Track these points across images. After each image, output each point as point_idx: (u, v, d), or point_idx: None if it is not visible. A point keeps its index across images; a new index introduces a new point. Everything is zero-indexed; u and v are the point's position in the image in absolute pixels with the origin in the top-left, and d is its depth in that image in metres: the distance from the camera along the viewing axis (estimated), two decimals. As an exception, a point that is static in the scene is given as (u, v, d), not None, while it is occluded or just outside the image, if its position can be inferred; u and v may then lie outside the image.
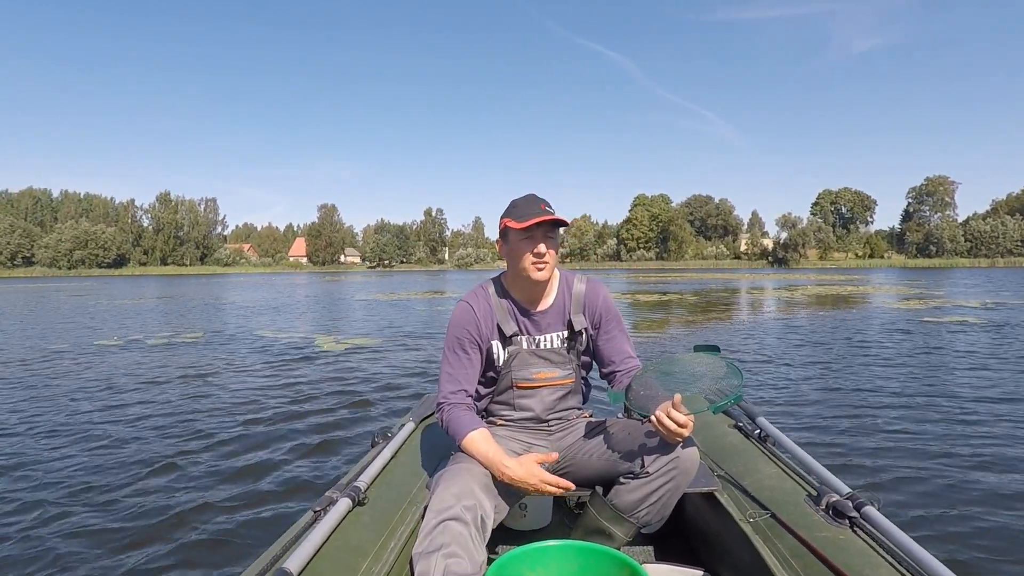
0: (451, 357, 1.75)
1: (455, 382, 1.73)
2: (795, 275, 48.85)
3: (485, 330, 1.76)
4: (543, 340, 1.80)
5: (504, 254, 1.77)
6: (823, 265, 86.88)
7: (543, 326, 1.80)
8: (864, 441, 3.94)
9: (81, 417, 4.90)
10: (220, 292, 29.11)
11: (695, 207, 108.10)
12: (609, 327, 1.85)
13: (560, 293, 1.82)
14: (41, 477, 3.49)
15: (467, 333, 1.74)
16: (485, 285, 1.82)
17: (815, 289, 25.34)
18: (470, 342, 1.74)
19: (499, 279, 1.84)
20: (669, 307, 16.65)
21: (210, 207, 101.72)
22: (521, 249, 1.69)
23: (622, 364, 1.83)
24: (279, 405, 5.25)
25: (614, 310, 1.87)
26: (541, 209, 1.68)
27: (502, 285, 1.82)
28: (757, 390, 5.58)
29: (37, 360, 8.05)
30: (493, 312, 1.77)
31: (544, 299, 1.81)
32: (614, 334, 1.85)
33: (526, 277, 1.72)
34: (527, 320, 1.79)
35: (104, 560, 2.54)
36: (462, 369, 1.74)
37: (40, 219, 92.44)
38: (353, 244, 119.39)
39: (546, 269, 1.71)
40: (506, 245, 1.75)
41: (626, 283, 34.68)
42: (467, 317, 1.75)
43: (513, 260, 1.73)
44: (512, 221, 1.69)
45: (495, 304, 1.78)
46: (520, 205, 1.71)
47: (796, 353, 7.81)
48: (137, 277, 68.27)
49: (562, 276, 1.84)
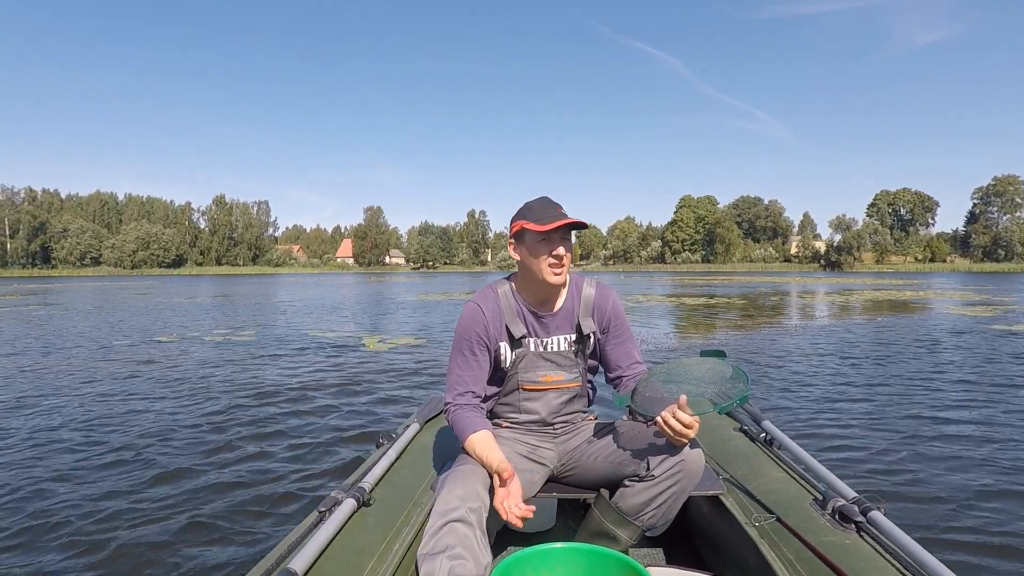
0: (459, 359, 1.74)
1: (463, 383, 1.73)
2: (849, 279, 47.00)
3: (493, 331, 1.74)
4: (551, 343, 1.79)
5: (519, 256, 1.75)
6: (880, 269, 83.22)
7: (551, 328, 1.79)
8: (914, 449, 3.76)
9: (93, 413, 5.05)
10: (273, 292, 30.08)
11: (743, 208, 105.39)
12: (618, 332, 1.83)
13: (570, 296, 1.81)
14: (42, 472, 3.55)
15: (475, 334, 1.73)
16: (495, 286, 1.81)
17: (871, 294, 24.28)
18: (479, 343, 1.73)
19: (509, 280, 1.82)
20: (715, 310, 16.26)
21: (262, 209, 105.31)
22: (539, 251, 1.67)
23: (629, 369, 1.82)
24: (307, 403, 5.31)
25: (623, 315, 1.85)
26: (559, 212, 1.68)
27: (512, 286, 1.80)
28: (799, 398, 5.38)
29: (97, 354, 8.50)
30: (502, 313, 1.76)
31: (555, 301, 1.80)
32: (623, 339, 1.84)
33: (542, 280, 1.70)
34: (536, 322, 1.78)
35: (102, 557, 2.54)
36: (470, 371, 1.73)
37: (107, 221, 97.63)
38: (398, 245, 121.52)
39: (563, 273, 1.70)
40: (521, 247, 1.73)
41: (671, 286, 34.12)
42: (476, 318, 1.74)
43: (529, 263, 1.71)
44: (531, 223, 1.66)
45: (504, 305, 1.77)
46: (536, 208, 1.70)
47: (846, 357, 7.50)
48: (194, 277, 71.13)
49: (572, 279, 1.83)
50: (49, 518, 2.91)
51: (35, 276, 73.34)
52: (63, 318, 14.80)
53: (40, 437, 4.28)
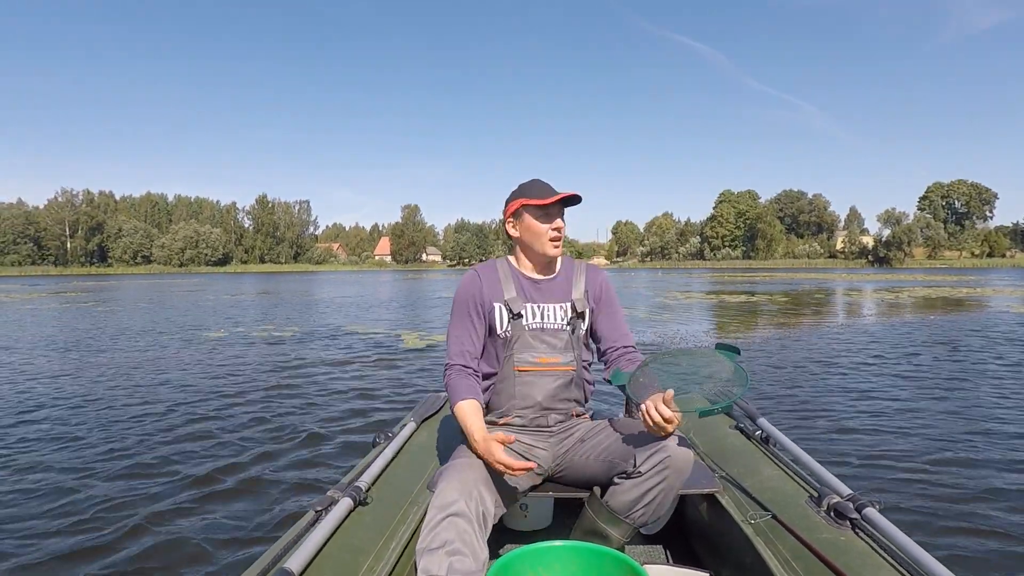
0: (457, 321, 1.83)
1: (460, 343, 1.80)
2: (899, 275, 45.20)
3: (489, 293, 1.81)
4: (547, 311, 1.82)
5: (517, 233, 1.84)
6: (932, 265, 79.78)
7: (547, 294, 1.85)
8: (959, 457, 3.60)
9: (106, 405, 5.24)
10: (313, 288, 30.87)
11: (786, 203, 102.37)
12: (609, 304, 1.91)
13: (565, 267, 1.91)
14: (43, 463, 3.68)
15: (472, 296, 1.81)
16: (493, 260, 1.91)
17: (922, 291, 23.30)
18: (475, 306, 1.81)
19: (507, 257, 1.93)
20: (755, 307, 15.90)
21: (303, 208, 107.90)
22: (539, 224, 1.79)
23: (619, 341, 1.88)
24: (331, 400, 5.43)
25: (613, 292, 1.94)
26: (554, 190, 1.81)
27: (510, 261, 1.90)
28: (842, 394, 5.20)
29: (140, 349, 8.88)
30: (500, 279, 1.84)
31: (550, 273, 1.89)
32: (613, 311, 1.91)
33: (542, 253, 1.81)
34: (532, 288, 1.85)
35: (103, 557, 2.54)
36: (466, 332, 1.81)
37: (157, 221, 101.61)
38: (434, 243, 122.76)
39: (560, 245, 1.82)
40: (520, 224, 1.83)
41: (710, 283, 33.46)
42: (474, 283, 1.83)
43: (529, 238, 1.81)
44: (532, 199, 1.79)
45: (502, 272, 1.86)
46: (536, 186, 1.82)
47: (898, 356, 7.23)
48: (239, 274, 73.50)
49: (565, 257, 1.93)
50: (43, 511, 2.97)
51: (92, 274, 76.93)
52: (120, 314, 15.54)
53: (20, 434, 4.46)
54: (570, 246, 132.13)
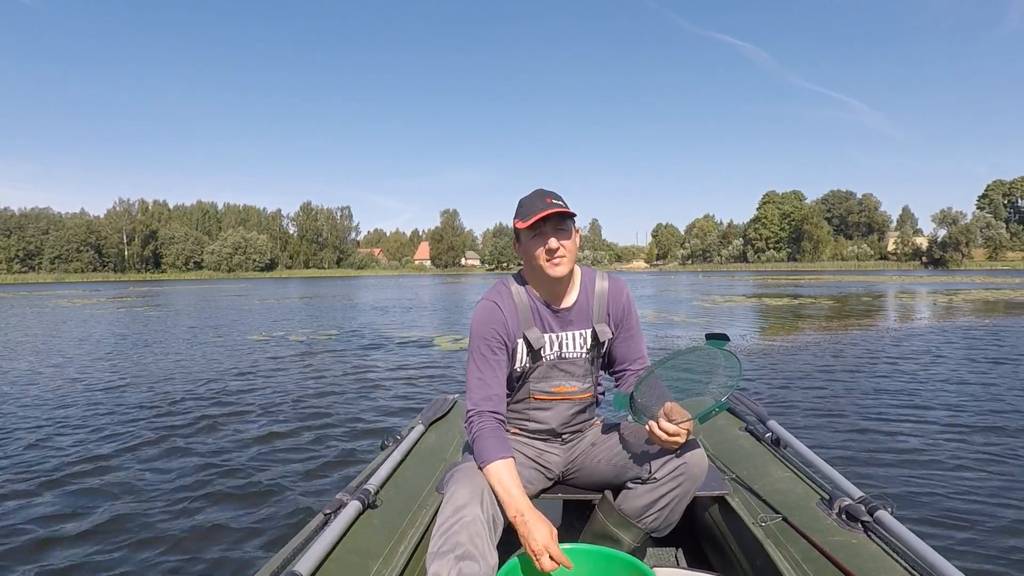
0: (479, 360, 1.64)
1: (485, 387, 1.62)
2: (956, 278, 43.04)
3: (512, 328, 1.67)
4: (567, 340, 1.73)
5: (521, 254, 1.71)
6: (993, 267, 75.60)
7: (566, 323, 1.73)
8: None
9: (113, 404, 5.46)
10: (355, 292, 31.51)
11: (833, 203, 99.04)
12: (628, 327, 1.80)
13: (583, 291, 1.75)
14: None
15: (494, 332, 1.65)
16: (506, 282, 1.74)
17: (981, 294, 22.07)
18: (497, 342, 1.65)
19: (519, 275, 1.77)
20: (798, 310, 15.41)
21: (345, 215, 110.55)
22: (533, 247, 1.62)
23: (634, 364, 1.81)
24: (351, 403, 5.50)
25: (635, 310, 1.83)
26: (547, 203, 1.60)
27: (523, 281, 1.75)
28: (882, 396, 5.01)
29: (186, 351, 9.23)
30: (517, 310, 1.69)
31: (567, 296, 1.74)
32: (632, 334, 1.81)
33: (544, 275, 1.64)
34: (551, 317, 1.72)
35: (102, 556, 2.57)
36: (491, 372, 1.64)
37: (207, 228, 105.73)
38: (473, 247, 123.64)
39: (562, 264, 1.62)
40: (520, 245, 1.70)
41: (753, 286, 32.64)
42: (494, 316, 1.66)
43: (527, 260, 1.67)
44: (519, 221, 1.64)
45: (518, 301, 1.70)
46: (526, 203, 1.65)
47: (938, 359, 6.91)
48: (284, 279, 75.64)
49: (583, 273, 1.78)
50: (44, 511, 3.03)
51: (147, 280, 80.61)
52: (172, 318, 16.25)
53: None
54: (609, 250, 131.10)
